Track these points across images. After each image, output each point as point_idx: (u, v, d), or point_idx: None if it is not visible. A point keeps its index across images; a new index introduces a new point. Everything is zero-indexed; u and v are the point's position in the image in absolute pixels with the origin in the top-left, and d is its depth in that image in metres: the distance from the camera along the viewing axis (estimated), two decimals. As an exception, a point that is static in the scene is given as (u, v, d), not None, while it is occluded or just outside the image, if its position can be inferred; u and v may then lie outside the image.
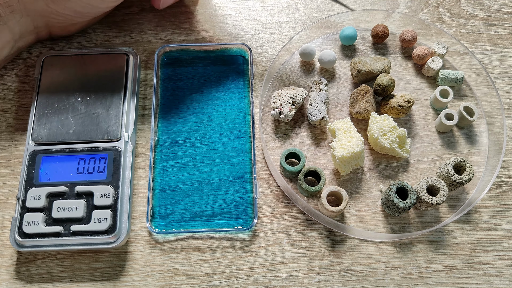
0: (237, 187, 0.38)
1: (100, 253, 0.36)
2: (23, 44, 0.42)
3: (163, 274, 0.35)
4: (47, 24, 0.40)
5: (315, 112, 0.39)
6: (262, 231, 0.37)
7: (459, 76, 0.41)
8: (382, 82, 0.39)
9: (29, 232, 0.34)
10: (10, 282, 0.35)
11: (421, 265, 0.36)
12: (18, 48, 0.41)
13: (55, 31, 0.42)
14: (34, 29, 0.40)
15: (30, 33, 0.41)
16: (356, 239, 0.37)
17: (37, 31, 0.41)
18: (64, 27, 0.41)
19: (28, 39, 0.41)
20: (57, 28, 0.42)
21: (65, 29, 0.42)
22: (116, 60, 0.41)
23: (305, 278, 0.35)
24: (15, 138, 0.40)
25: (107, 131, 0.38)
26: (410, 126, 0.41)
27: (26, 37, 0.41)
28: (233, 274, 0.35)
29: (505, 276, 0.35)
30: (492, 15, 0.47)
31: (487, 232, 0.37)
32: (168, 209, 0.37)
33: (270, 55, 0.44)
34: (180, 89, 0.42)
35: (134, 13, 0.46)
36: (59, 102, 0.39)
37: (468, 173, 0.36)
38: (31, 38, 0.42)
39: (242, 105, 0.41)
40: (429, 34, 0.45)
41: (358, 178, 0.39)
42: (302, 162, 0.37)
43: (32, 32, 0.41)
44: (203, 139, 0.40)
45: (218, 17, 0.46)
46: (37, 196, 0.35)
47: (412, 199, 0.35)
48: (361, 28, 0.45)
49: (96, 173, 0.36)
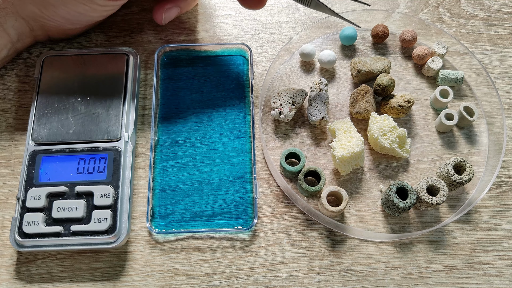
0: (237, 187, 0.38)
1: (100, 253, 0.36)
2: (22, 46, 0.42)
3: (163, 274, 0.35)
4: (42, 27, 0.40)
5: (315, 112, 0.39)
6: (262, 231, 0.37)
7: (459, 76, 0.41)
8: (382, 82, 0.39)
9: (29, 232, 0.34)
10: (10, 282, 0.35)
11: (421, 265, 0.36)
12: (16, 49, 0.41)
13: (53, 34, 0.42)
14: (30, 31, 0.40)
15: (28, 36, 0.41)
16: (356, 239, 0.37)
17: (34, 34, 0.41)
18: (61, 30, 0.41)
19: (26, 41, 0.41)
20: (55, 32, 0.41)
21: (63, 33, 0.42)
22: (116, 60, 0.41)
23: (305, 278, 0.35)
24: (15, 138, 0.40)
25: (107, 131, 0.38)
26: (410, 126, 0.41)
27: (24, 39, 0.41)
28: (233, 274, 0.35)
29: (505, 276, 0.35)
30: (492, 15, 0.47)
31: (487, 232, 0.37)
32: (168, 209, 0.37)
33: (270, 55, 0.44)
34: (180, 89, 0.42)
35: (134, 13, 0.46)
36: (59, 102, 0.39)
37: (468, 173, 0.36)
38: (29, 40, 0.42)
39: (242, 105, 0.41)
40: (429, 34, 0.45)
41: (358, 178, 0.39)
42: (302, 162, 0.37)
43: (29, 34, 0.40)
44: (203, 139, 0.40)
45: (218, 17, 0.46)
46: (37, 196, 0.35)
47: (412, 199, 0.35)
48: (361, 28, 0.45)
49: (96, 173, 0.36)
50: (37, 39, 0.42)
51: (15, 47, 0.41)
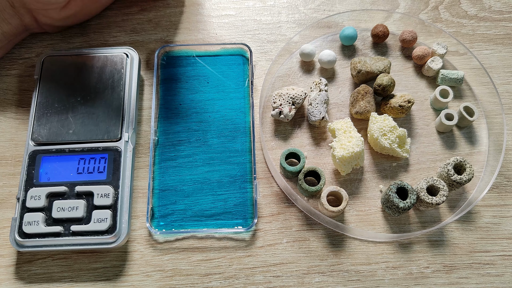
0: (237, 187, 0.38)
1: (100, 253, 0.36)
2: (10, 30, 0.40)
3: (163, 274, 0.35)
4: (22, 3, 0.38)
5: (315, 112, 0.39)
6: (262, 231, 0.37)
7: (459, 76, 0.41)
8: (382, 82, 0.39)
9: (29, 232, 0.34)
10: (10, 282, 0.35)
11: (421, 265, 0.36)
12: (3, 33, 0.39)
13: (40, 17, 0.40)
14: (12, 9, 0.39)
15: (11, 14, 0.39)
16: (356, 239, 0.37)
17: (18, 13, 0.39)
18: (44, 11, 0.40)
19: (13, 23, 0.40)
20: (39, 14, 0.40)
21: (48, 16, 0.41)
22: (116, 60, 0.41)
23: (305, 278, 0.35)
24: (15, 138, 0.40)
25: (107, 131, 0.38)
26: (410, 126, 0.41)
27: (9, 19, 0.39)
28: (233, 274, 0.35)
29: (505, 276, 0.35)
30: (492, 15, 0.47)
31: (487, 232, 0.37)
32: (168, 209, 0.37)
33: (270, 55, 0.44)
34: (180, 89, 0.42)
35: (134, 13, 0.46)
36: (59, 102, 0.39)
37: (468, 173, 0.36)
38: (15, 22, 0.40)
39: (242, 105, 0.41)
40: (429, 34, 0.45)
41: (358, 178, 0.39)
42: (302, 162, 0.37)
43: (12, 13, 0.39)
44: (203, 139, 0.40)
45: (218, 17, 0.46)
46: (37, 196, 0.35)
47: (412, 199, 0.35)
48: (361, 28, 0.45)
49: (96, 173, 0.36)
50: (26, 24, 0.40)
51: (2, 29, 0.39)
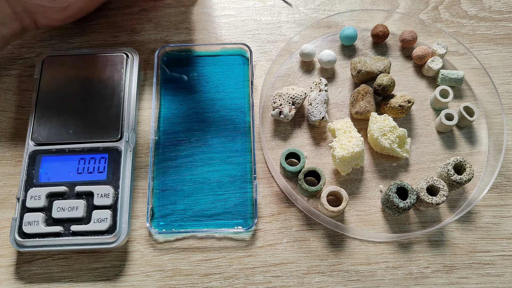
0: (237, 187, 0.38)
1: (100, 253, 0.36)
2: (8, 32, 0.39)
3: (163, 274, 0.35)
4: (25, 8, 0.38)
5: (315, 112, 0.39)
6: (262, 231, 0.37)
7: (459, 76, 0.41)
8: (382, 82, 0.39)
9: (29, 232, 0.34)
10: (10, 282, 0.35)
11: (421, 265, 0.36)
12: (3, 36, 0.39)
13: (40, 19, 0.40)
14: (14, 14, 0.38)
15: (12, 19, 0.38)
16: (356, 239, 0.37)
17: (19, 17, 0.39)
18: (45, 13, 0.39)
19: (12, 27, 0.39)
20: (40, 16, 0.39)
21: (49, 18, 0.40)
22: (116, 60, 0.41)
23: (305, 278, 0.35)
24: (15, 138, 0.40)
25: (107, 131, 0.38)
26: (410, 126, 0.41)
27: (9, 24, 0.39)
28: (233, 274, 0.35)
29: (505, 276, 0.35)
30: (492, 15, 0.47)
31: (487, 232, 0.37)
32: (168, 209, 0.37)
33: (270, 55, 0.44)
34: (180, 89, 0.42)
35: (134, 13, 0.46)
36: (59, 102, 0.39)
37: (468, 173, 0.36)
38: (15, 26, 0.39)
39: (242, 105, 0.41)
40: (429, 34, 0.45)
41: (358, 178, 0.39)
42: (302, 162, 0.37)
43: (13, 17, 0.38)
44: (203, 139, 0.40)
45: (218, 17, 0.46)
46: (37, 196, 0.35)
47: (412, 199, 0.35)
48: (361, 28, 0.45)
49: (96, 173, 0.36)
50: (24, 24, 0.40)
51: (1, 33, 0.39)
